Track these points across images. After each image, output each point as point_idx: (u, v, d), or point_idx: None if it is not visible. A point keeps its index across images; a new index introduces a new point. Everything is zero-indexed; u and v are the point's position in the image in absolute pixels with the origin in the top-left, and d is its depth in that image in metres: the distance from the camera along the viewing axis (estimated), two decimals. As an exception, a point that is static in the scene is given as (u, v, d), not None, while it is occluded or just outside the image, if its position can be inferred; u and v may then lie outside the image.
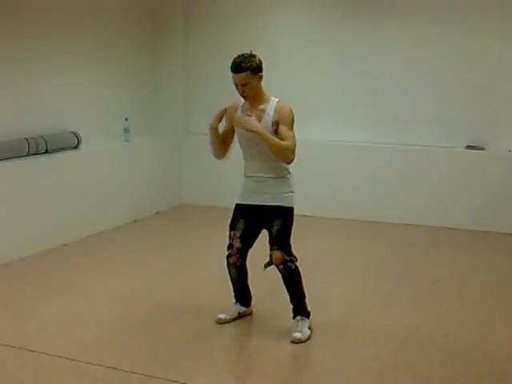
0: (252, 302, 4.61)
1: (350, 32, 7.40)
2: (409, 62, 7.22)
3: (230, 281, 4.53)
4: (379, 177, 7.36)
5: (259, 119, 4.07)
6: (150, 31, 8.04)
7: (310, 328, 4.23)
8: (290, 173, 4.26)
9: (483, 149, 6.97)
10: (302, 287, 4.27)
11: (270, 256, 4.18)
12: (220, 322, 4.44)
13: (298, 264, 4.20)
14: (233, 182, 7.84)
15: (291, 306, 4.29)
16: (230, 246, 4.38)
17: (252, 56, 4.11)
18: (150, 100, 8.12)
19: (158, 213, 7.77)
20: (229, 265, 4.43)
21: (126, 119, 7.39)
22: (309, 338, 4.18)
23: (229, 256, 4.40)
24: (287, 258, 4.14)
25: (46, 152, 6.33)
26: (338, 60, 7.50)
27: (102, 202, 6.87)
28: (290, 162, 4.12)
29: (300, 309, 4.27)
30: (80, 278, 5.45)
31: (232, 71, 4.09)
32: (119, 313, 4.69)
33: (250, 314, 4.60)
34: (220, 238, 6.70)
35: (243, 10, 7.93)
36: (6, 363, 3.91)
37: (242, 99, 4.22)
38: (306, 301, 4.29)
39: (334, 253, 6.31)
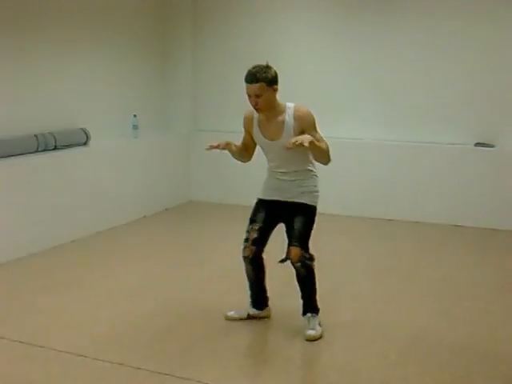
0: (268, 307, 4.50)
1: (361, 30, 7.36)
2: (419, 60, 7.18)
3: (246, 280, 4.43)
4: (388, 174, 7.33)
5: (280, 132, 4.03)
6: (160, 28, 8.04)
7: (320, 325, 4.21)
8: (315, 173, 4.22)
9: (493, 146, 6.93)
10: (315, 284, 4.22)
11: (288, 252, 4.11)
12: (228, 319, 4.42)
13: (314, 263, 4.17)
14: (241, 179, 7.95)
15: (301, 302, 4.25)
16: (247, 239, 4.29)
17: (267, 68, 4.02)
18: (158, 97, 8.13)
19: (166, 209, 7.78)
20: (244, 259, 4.33)
21: (135, 116, 7.40)
22: (321, 336, 4.16)
23: (244, 248, 4.30)
24: (306, 256, 4.10)
25: (55, 148, 6.34)
26: (349, 59, 7.47)
27: (110, 198, 6.88)
28: (328, 163, 4.11)
29: (311, 305, 4.23)
30: (89, 274, 5.46)
31: (246, 82, 4.01)
32: (127, 309, 4.70)
33: (266, 317, 4.49)
34: (228, 234, 6.75)
35: (251, 10, 7.91)
36: (15, 359, 3.92)
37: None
38: (317, 297, 4.26)
39: (343, 250, 6.30)
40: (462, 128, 7.08)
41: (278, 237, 4.29)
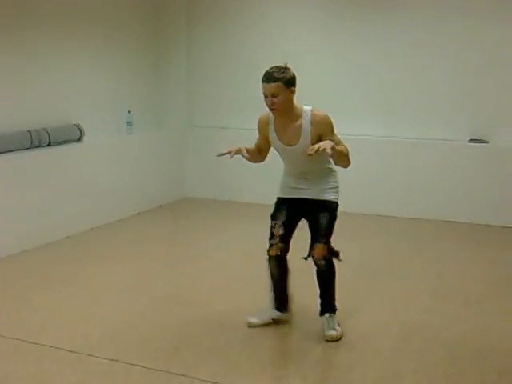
0: (291, 310, 4.38)
1: (358, 27, 7.35)
2: (414, 57, 7.18)
3: (269, 281, 4.29)
4: (382, 170, 7.34)
5: (297, 137, 3.96)
6: (154, 25, 8.01)
7: (339, 325, 4.14)
8: (334, 169, 4.15)
9: (487, 142, 6.95)
10: (335, 283, 4.16)
11: (312, 249, 4.05)
12: (251, 326, 4.26)
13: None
14: (236, 175, 7.95)
15: (320, 301, 4.17)
16: (272, 236, 4.17)
17: (286, 68, 3.94)
18: (152, 93, 8.11)
19: (161, 206, 7.77)
20: (270, 258, 4.21)
21: (129, 112, 7.38)
22: (342, 336, 4.10)
23: (270, 247, 4.18)
24: (330, 253, 4.06)
25: (49, 145, 6.33)
26: (345, 56, 7.45)
27: (104, 194, 6.87)
28: (348, 166, 4.08)
29: (330, 305, 4.16)
30: (83, 271, 5.45)
31: (263, 81, 3.92)
32: (122, 305, 4.70)
33: (287, 321, 4.35)
34: (223, 230, 6.76)
35: (246, 6, 7.90)
36: (9, 355, 3.91)
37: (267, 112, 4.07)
38: (336, 297, 4.20)
39: (336, 246, 6.29)
40: (456, 124, 7.09)
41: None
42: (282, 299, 4.31)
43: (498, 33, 6.82)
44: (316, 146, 3.74)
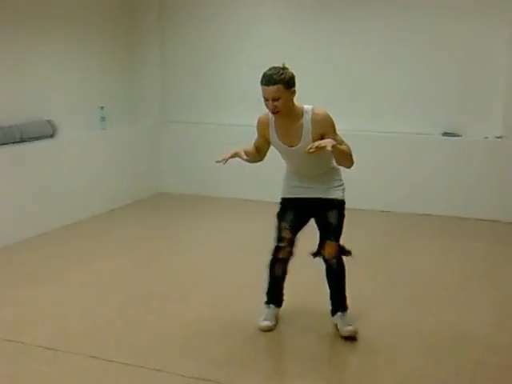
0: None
1: (333, 23, 7.37)
2: (386, 49, 7.23)
3: (269, 279, 4.22)
4: (355, 164, 7.34)
5: (299, 137, 3.89)
6: (126, 20, 7.95)
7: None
8: (338, 168, 4.15)
9: (460, 136, 7.02)
10: (345, 281, 4.10)
11: (323, 247, 3.99)
12: (267, 330, 4.12)
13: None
14: (211, 170, 7.88)
15: (331, 301, 4.12)
16: (281, 239, 4.05)
17: (284, 69, 3.85)
18: (126, 88, 8.05)
19: (135, 202, 7.72)
20: (277, 260, 4.11)
21: (102, 108, 7.33)
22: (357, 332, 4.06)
23: (279, 249, 4.07)
24: (341, 251, 4.02)
25: (21, 141, 6.26)
26: (318, 51, 7.47)
27: (78, 191, 6.81)
28: (352, 166, 4.06)
29: (342, 303, 4.10)
30: (58, 268, 5.41)
31: (263, 84, 3.84)
32: (98, 302, 4.67)
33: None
34: (199, 226, 6.75)
35: (218, 1, 7.88)
36: (-16, 354, 3.88)
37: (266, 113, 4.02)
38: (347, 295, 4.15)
39: (311, 239, 6.32)
40: (429, 118, 7.15)
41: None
42: (280, 295, 4.25)
43: (468, 28, 6.88)
44: (316, 144, 3.69)
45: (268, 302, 4.25)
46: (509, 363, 3.75)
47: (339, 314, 4.08)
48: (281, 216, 4.10)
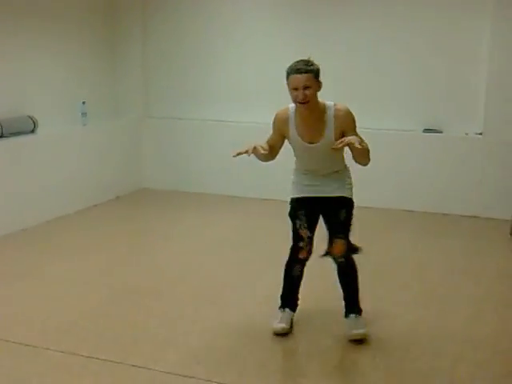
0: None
1: (311, 18, 7.36)
2: (368, 46, 7.24)
3: (285, 281, 4.11)
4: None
5: (320, 134, 3.81)
6: (109, 13, 7.90)
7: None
8: (348, 167, 4.08)
9: (441, 132, 7.06)
10: (358, 281, 4.05)
11: (333, 246, 3.91)
12: (282, 333, 4.01)
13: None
14: (193, 166, 7.93)
15: (344, 302, 4.06)
16: (300, 238, 3.94)
17: (312, 61, 3.80)
18: (108, 83, 8.01)
19: (118, 197, 7.70)
20: (297, 261, 4.02)
21: (84, 103, 7.28)
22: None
23: (299, 250, 3.97)
24: (350, 249, 3.97)
25: (2, 136, 6.21)
26: (295, 46, 7.42)
27: (60, 186, 6.78)
28: (368, 164, 3.92)
29: (355, 305, 4.05)
30: (39, 263, 5.38)
31: (293, 73, 3.74)
32: (78, 298, 4.65)
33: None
34: (181, 221, 6.74)
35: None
36: (-37, 351, 3.85)
37: (291, 107, 3.88)
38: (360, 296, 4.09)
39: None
40: (410, 114, 7.17)
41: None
42: (296, 298, 4.15)
43: (454, 23, 6.91)
44: (346, 140, 3.62)
45: (283, 306, 4.12)
46: (487, 358, 3.79)
47: (352, 316, 4.01)
48: (295, 216, 3.97)
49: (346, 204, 3.98)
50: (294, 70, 3.75)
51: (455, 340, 4.02)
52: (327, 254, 3.97)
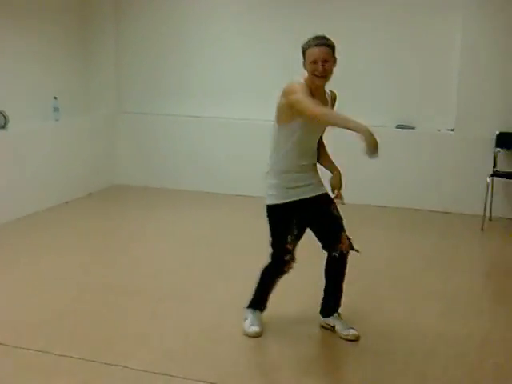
0: None
1: (286, 16, 7.37)
2: (340, 43, 7.21)
3: (261, 287, 4.01)
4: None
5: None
6: (81, 7, 7.81)
7: None
8: None
9: (413, 128, 7.12)
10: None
11: (341, 242, 3.84)
12: (256, 336, 3.95)
13: None
14: (166, 162, 7.89)
15: (326, 299, 4.05)
16: (286, 251, 3.79)
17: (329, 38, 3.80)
18: (80, 78, 7.93)
19: (90, 194, 7.64)
20: (281, 273, 3.90)
21: (56, 98, 7.20)
22: None
23: (286, 264, 3.82)
24: (351, 246, 3.91)
25: (-28, 132, 6.14)
26: (268, 42, 7.46)
27: (31, 183, 6.70)
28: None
29: (339, 303, 4.04)
30: (10, 261, 5.32)
31: (314, 45, 3.72)
32: (49, 296, 4.60)
33: None
34: (153, 219, 6.71)
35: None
36: None
37: (300, 81, 3.76)
38: None
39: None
40: (383, 110, 7.22)
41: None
42: (267, 302, 4.09)
43: (426, 19, 6.96)
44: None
45: (254, 308, 4.07)
46: (459, 352, 3.82)
47: (336, 314, 4.02)
48: (282, 226, 3.78)
49: (331, 199, 3.89)
50: (315, 42, 3.74)
51: (427, 335, 4.05)
52: (332, 250, 3.86)
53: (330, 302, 4.04)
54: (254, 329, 3.98)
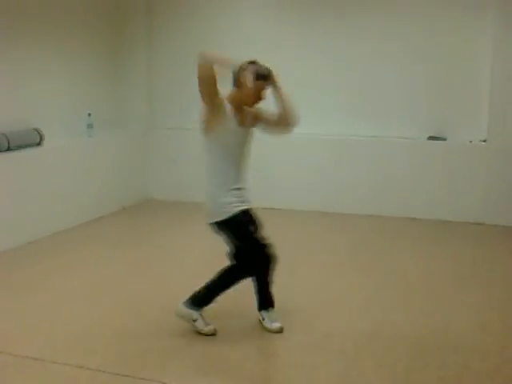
0: None
1: (315, 28, 7.42)
2: (372, 54, 7.27)
3: (219, 288, 4.32)
4: (343, 168, 7.41)
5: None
6: (113, 24, 7.96)
7: None
8: None
9: (445, 139, 7.08)
10: None
11: (270, 250, 4.20)
12: (214, 334, 4.24)
13: None
14: (198, 176, 7.87)
15: (264, 296, 4.32)
16: (260, 238, 4.19)
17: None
18: (113, 95, 8.06)
19: (124, 208, 7.73)
20: (253, 272, 4.30)
21: (89, 114, 7.33)
22: None
23: (265, 247, 4.21)
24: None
25: (8, 149, 6.24)
26: (305, 52, 7.52)
27: (66, 198, 6.81)
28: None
29: (272, 299, 4.32)
30: (45, 276, 5.40)
31: (264, 79, 4.15)
32: (86, 311, 4.66)
33: None
34: (187, 232, 6.75)
35: (206, 3, 7.90)
36: (-30, 364, 3.86)
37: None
38: None
39: (300, 244, 6.35)
40: (415, 122, 7.21)
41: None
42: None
43: (453, 32, 6.95)
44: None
45: (203, 307, 4.28)
46: (493, 367, 3.78)
47: (270, 308, 4.30)
48: (246, 225, 4.17)
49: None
50: (265, 77, 4.13)
51: (460, 348, 4.02)
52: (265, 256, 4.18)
53: (266, 297, 4.32)
54: (210, 327, 4.23)
